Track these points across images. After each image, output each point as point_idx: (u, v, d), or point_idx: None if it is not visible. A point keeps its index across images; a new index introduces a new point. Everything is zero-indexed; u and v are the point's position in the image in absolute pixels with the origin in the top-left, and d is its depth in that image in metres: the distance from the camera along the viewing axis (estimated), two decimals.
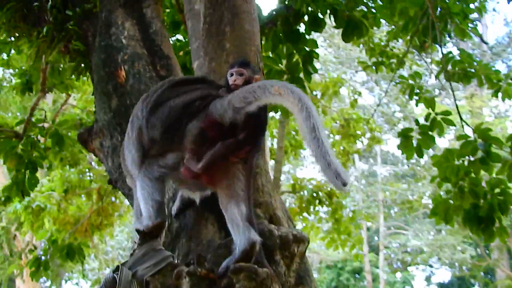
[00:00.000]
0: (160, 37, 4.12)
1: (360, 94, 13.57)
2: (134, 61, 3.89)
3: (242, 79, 2.47)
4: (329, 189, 11.27)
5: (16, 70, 8.14)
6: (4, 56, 7.52)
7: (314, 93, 13.39)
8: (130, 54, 3.93)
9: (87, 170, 11.32)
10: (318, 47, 5.78)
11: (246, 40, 2.86)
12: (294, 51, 5.57)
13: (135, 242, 2.59)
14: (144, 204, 2.53)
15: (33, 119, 6.38)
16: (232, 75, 2.49)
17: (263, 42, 5.59)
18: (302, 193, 11.67)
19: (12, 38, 5.28)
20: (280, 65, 5.51)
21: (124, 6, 4.28)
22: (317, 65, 6.29)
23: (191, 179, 2.46)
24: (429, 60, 7.87)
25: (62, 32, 4.61)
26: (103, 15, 4.30)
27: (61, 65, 5.61)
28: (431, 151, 17.47)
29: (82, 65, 4.83)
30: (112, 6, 4.31)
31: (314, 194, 11.36)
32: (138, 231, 2.56)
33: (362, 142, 13.38)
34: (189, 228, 2.74)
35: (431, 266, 30.70)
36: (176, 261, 2.53)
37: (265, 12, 5.64)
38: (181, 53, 5.83)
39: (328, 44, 23.36)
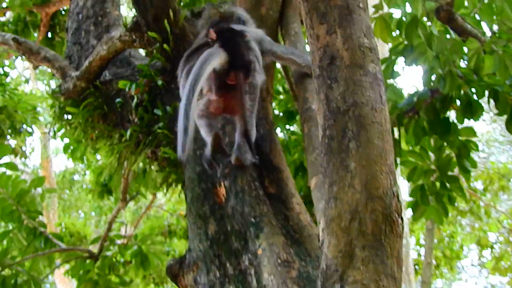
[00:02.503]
0: (268, 143, 4.30)
1: None
2: (237, 175, 4.03)
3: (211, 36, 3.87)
4: None
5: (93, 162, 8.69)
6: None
7: (472, 185, 13.03)
8: (231, 166, 4.06)
9: None
10: (476, 136, 5.72)
11: (376, 158, 2.75)
12: (445, 143, 5.55)
13: None
14: None
15: (112, 234, 6.71)
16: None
17: (402, 134, 5.65)
18: None
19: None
20: (427, 161, 5.53)
21: None
22: None
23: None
24: None
25: (149, 135, 4.85)
26: None
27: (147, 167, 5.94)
28: None
29: (174, 176, 5.05)
30: None
31: None
32: None
33: None
34: None
35: None
36: None
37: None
38: (295, 155, 5.99)
39: (492, 118, 22.27)
